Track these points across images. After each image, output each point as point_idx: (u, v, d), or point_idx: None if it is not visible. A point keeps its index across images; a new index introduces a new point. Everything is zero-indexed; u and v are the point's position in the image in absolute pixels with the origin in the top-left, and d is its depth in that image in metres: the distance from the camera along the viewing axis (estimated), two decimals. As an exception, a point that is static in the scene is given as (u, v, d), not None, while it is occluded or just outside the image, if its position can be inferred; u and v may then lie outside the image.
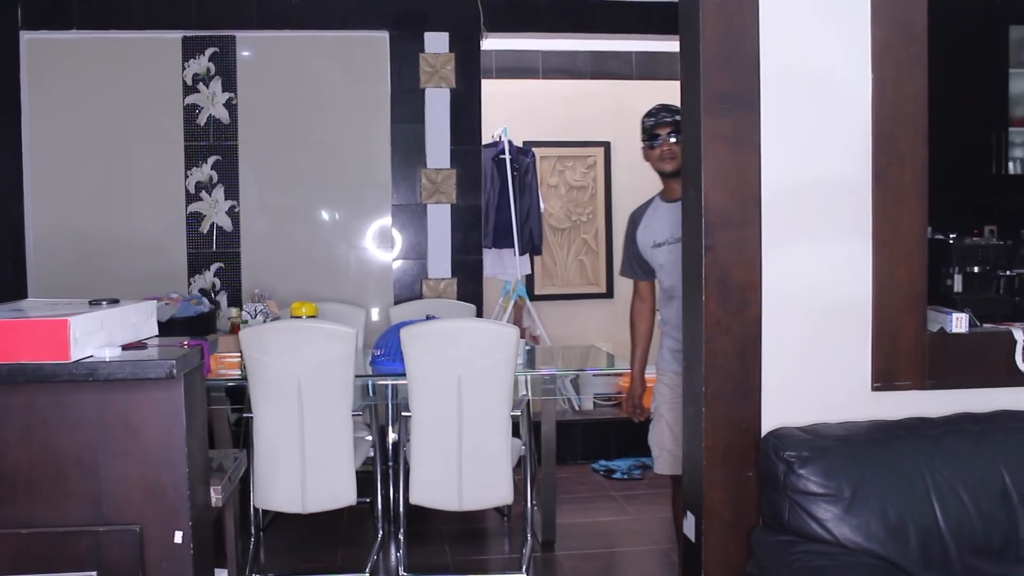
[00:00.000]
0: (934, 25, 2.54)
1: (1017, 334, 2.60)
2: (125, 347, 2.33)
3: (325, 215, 5.51)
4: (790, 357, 2.54)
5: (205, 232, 5.42)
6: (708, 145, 2.49)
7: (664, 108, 3.40)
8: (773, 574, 2.25)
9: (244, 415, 4.10)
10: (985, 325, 2.70)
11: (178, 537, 2.24)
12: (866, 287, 2.55)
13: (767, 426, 2.51)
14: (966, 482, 2.31)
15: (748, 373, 2.52)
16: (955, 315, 2.62)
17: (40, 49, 5.28)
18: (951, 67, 3.05)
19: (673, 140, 3.32)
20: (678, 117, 3.33)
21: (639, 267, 3.54)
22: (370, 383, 4.29)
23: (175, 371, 2.18)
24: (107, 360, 2.21)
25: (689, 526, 2.64)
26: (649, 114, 3.42)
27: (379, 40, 5.47)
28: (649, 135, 3.39)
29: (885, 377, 2.55)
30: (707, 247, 2.48)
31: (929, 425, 2.44)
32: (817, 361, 2.55)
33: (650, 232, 3.46)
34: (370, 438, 4.23)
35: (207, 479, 2.50)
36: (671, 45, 6.67)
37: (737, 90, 2.48)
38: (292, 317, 4.33)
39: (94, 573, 2.20)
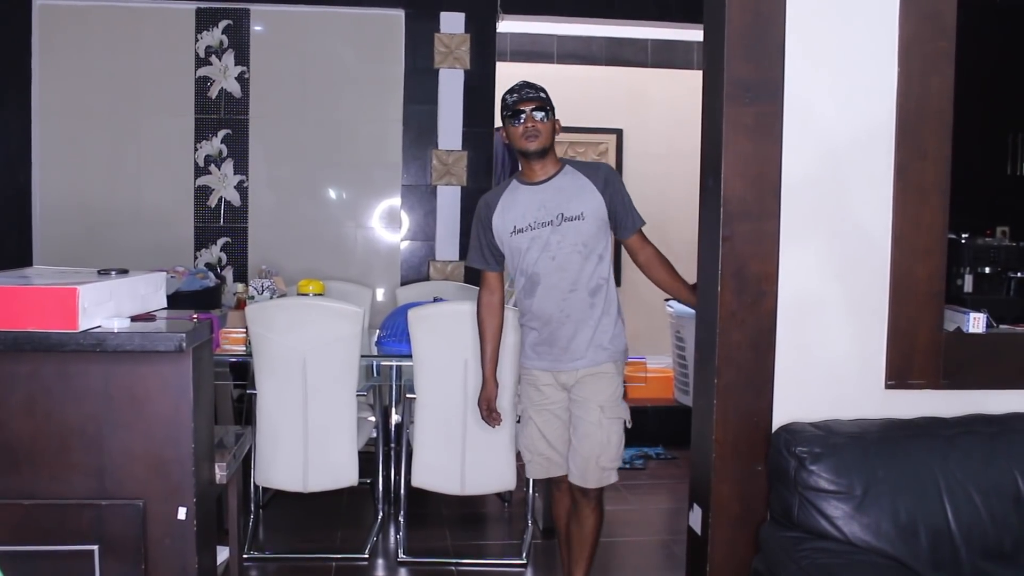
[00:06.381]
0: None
1: (1034, 336, 2.58)
2: (133, 319, 2.30)
3: (334, 193, 5.47)
4: (804, 351, 2.51)
5: (213, 206, 5.38)
6: (729, 134, 2.45)
7: (527, 84, 3.17)
8: (781, 570, 2.23)
9: (247, 392, 4.08)
10: (1002, 326, 2.67)
11: (181, 513, 2.22)
12: (883, 284, 2.52)
13: (779, 420, 2.49)
14: (978, 484, 2.29)
15: (761, 366, 2.49)
16: (972, 315, 2.60)
17: (53, 15, 5.23)
18: (969, 65, 3.01)
19: (539, 117, 3.10)
20: (543, 94, 3.16)
21: (492, 256, 3.28)
22: (375, 363, 4.27)
23: (184, 345, 2.15)
24: (115, 331, 2.18)
25: (696, 519, 2.62)
26: (511, 90, 3.18)
27: (394, 18, 5.42)
28: (512, 112, 3.13)
29: (899, 375, 2.52)
30: (724, 237, 2.46)
31: (942, 425, 2.41)
32: (831, 356, 2.53)
33: (510, 217, 3.19)
34: (373, 419, 4.22)
35: (212, 455, 2.47)
36: (688, 34, 6.68)
37: (760, 79, 2.45)
38: (299, 294, 4.31)
39: (95, 547, 2.18)
